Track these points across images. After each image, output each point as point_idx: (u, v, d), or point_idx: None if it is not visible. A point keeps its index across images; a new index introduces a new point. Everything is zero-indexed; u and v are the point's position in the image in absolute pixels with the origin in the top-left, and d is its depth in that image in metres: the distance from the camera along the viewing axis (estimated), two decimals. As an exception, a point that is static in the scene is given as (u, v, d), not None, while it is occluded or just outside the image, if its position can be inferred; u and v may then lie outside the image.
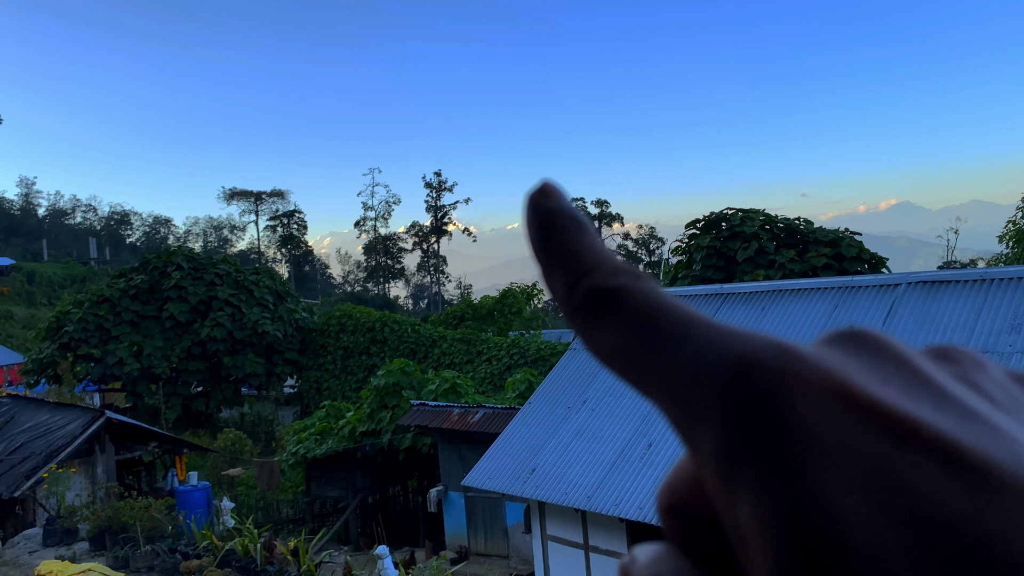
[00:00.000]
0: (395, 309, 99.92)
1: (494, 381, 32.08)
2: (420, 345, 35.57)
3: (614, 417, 10.48)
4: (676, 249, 23.63)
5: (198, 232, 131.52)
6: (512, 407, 15.50)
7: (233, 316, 34.65)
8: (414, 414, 16.55)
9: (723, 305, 11.59)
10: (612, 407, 10.64)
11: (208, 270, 35.94)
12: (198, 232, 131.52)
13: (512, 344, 32.86)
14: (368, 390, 19.66)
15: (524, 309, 44.90)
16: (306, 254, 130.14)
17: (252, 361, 34.41)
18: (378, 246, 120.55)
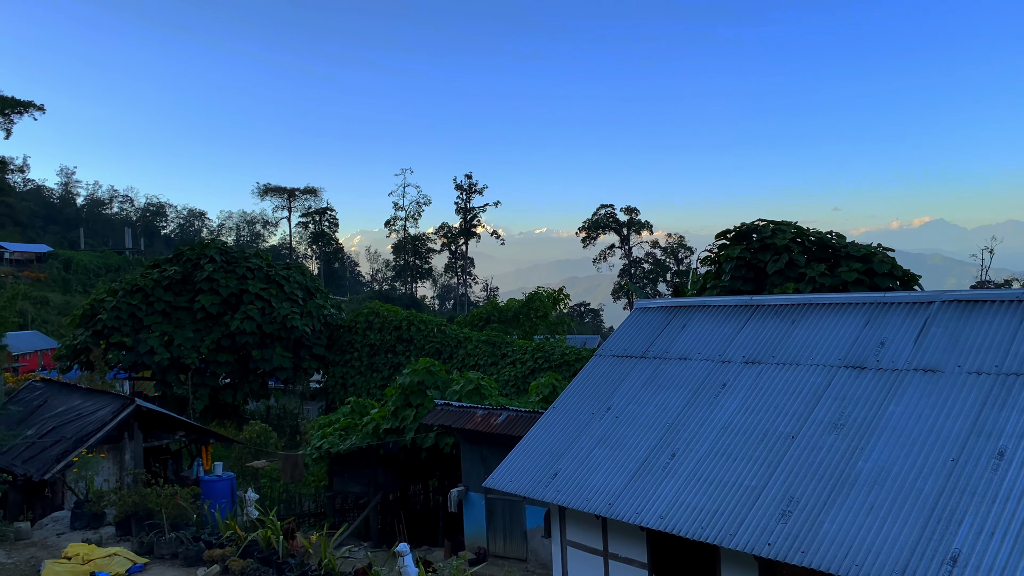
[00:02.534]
0: (422, 309, 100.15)
1: (518, 384, 32.06)
2: (445, 345, 35.67)
3: (638, 425, 10.43)
4: (705, 259, 23.49)
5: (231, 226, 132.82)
6: (535, 411, 15.48)
7: (263, 310, 34.94)
8: (438, 413, 16.59)
9: (752, 317, 11.50)
10: (636, 415, 10.59)
11: (240, 264, 36.29)
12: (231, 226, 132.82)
13: (537, 348, 32.84)
14: (393, 388, 19.73)
15: (550, 313, 44.88)
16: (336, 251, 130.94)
17: (280, 355, 34.66)
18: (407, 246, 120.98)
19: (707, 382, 10.65)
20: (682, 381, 10.85)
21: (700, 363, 11.10)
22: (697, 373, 10.91)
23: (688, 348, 11.54)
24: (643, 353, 12.00)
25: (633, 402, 10.95)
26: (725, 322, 11.72)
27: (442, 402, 17.06)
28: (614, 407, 11.05)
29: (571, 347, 32.80)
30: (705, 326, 11.83)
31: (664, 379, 11.10)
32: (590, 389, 11.78)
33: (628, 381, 11.50)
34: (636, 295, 30.60)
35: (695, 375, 10.88)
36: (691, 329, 11.98)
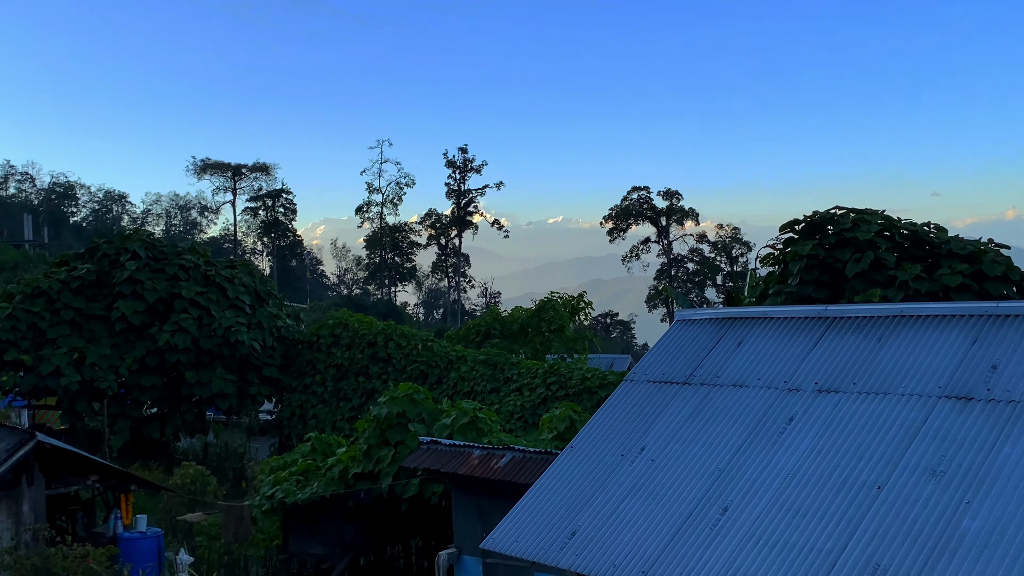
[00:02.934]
0: (403, 319, 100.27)
1: (526, 416, 32.06)
2: (433, 366, 35.69)
3: (680, 471, 10.43)
4: (767, 257, 23.47)
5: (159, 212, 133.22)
6: (548, 451, 15.49)
7: (200, 320, 35.02)
8: (423, 454, 16.60)
9: (828, 332, 11.50)
10: (678, 458, 10.59)
11: (171, 261, 36.40)
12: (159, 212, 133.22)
13: (550, 370, 32.83)
14: (366, 421, 19.75)
15: (567, 326, 44.86)
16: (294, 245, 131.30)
17: (221, 378, 34.76)
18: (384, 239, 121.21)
19: (769, 416, 10.65)
20: (737, 414, 10.86)
21: (760, 391, 11.11)
22: (756, 404, 10.91)
23: (745, 372, 11.54)
24: (687, 378, 12.00)
25: (674, 441, 10.95)
26: (792, 339, 11.72)
27: (428, 439, 17.08)
28: (649, 447, 11.05)
29: (594, 370, 32.78)
30: (766, 344, 11.82)
31: (714, 411, 11.11)
32: (619, 424, 11.79)
33: (667, 414, 11.50)
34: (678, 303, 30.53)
35: (753, 407, 10.88)
36: (748, 347, 11.98)
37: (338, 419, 36.34)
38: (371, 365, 36.64)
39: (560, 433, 18.95)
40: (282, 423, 37.81)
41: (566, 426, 19.02)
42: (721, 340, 12.34)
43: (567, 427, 18.96)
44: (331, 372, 37.23)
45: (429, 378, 35.46)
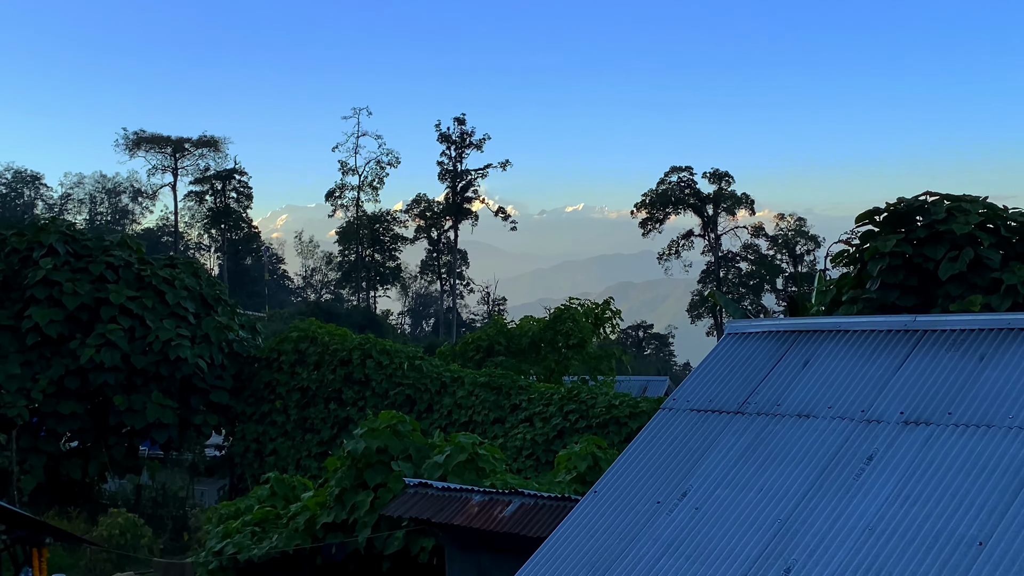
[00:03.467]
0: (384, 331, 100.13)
1: (538, 453, 32.00)
2: (422, 390, 35.63)
3: (732, 522, 10.40)
4: (839, 255, 23.43)
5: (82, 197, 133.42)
6: (566, 496, 15.46)
7: (132, 332, 35.08)
8: (409, 500, 16.57)
9: (916, 349, 11.47)
10: (729, 506, 10.55)
11: (96, 258, 36.42)
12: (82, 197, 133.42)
13: (568, 396, 32.75)
14: (338, 458, 19.73)
15: (589, 340, 44.75)
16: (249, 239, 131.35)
17: (158, 404, 34.79)
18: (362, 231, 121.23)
19: (843, 454, 10.63)
20: (802, 451, 10.83)
21: (831, 423, 11.09)
22: (826, 439, 10.89)
23: (812, 398, 11.52)
24: (739, 406, 11.99)
25: (723, 485, 10.93)
26: (872, 357, 11.70)
27: (416, 481, 17.05)
28: (693, 492, 11.03)
29: (623, 395, 32.75)
30: (839, 363, 11.80)
31: (773, 448, 11.09)
32: (654, 463, 11.78)
33: (716, 451, 11.49)
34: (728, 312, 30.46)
35: (823, 442, 10.86)
36: (817, 368, 11.96)
37: (303, 456, 36.32)
38: (345, 388, 36.62)
39: (581, 474, 18.90)
40: (234, 460, 37.79)
41: (588, 465, 18.97)
42: (783, 359, 12.31)
43: (589, 467, 18.91)
44: (295, 397, 37.23)
45: (417, 405, 35.43)
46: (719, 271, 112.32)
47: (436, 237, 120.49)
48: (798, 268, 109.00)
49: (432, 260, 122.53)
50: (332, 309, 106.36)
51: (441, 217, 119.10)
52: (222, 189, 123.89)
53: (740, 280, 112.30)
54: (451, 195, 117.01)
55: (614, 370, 45.11)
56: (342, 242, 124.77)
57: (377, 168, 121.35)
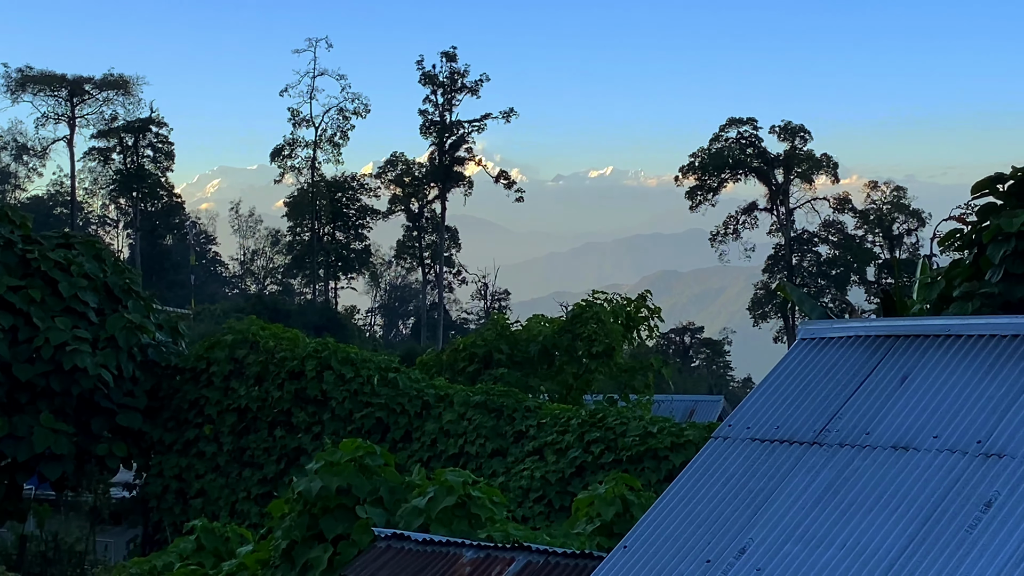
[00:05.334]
0: (349, 334, 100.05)
1: (549, 496, 31.99)
2: (398, 412, 35.54)
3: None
4: (950, 236, 23.43)
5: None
6: (586, 552, 15.47)
7: (14, 333, 35.05)
8: (379, 557, 16.61)
9: (1051, 360, 11.44)
10: (801, 566, 10.55)
11: (-34, 235, 36.43)
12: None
13: (591, 421, 32.71)
14: (285, 501, 19.75)
15: (618, 347, 44.60)
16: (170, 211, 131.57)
17: (48, 428, 34.73)
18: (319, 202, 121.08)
19: (953, 498, 10.63)
20: (899, 495, 10.83)
21: (937, 457, 11.10)
22: (931, 478, 10.89)
23: (912, 425, 11.53)
24: (816, 435, 12.01)
25: (794, 539, 10.95)
26: (993, 371, 11.69)
27: (389, 532, 17.08)
28: (754, 548, 11.04)
29: (663, 420, 32.70)
30: (949, 379, 11.79)
31: (861, 490, 11.09)
32: (704, 510, 11.80)
33: (784, 494, 11.50)
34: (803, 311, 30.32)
35: (927, 483, 10.86)
36: (919, 385, 11.96)
37: (240, 498, 36.29)
38: (295, 410, 36.61)
39: (606, 524, 18.90)
40: (148, 503, 37.77)
41: (616, 512, 18.98)
42: (874, 372, 12.30)
43: (617, 514, 18.92)
44: (229, 420, 37.20)
45: (391, 431, 35.42)
46: (791, 257, 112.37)
47: (417, 210, 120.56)
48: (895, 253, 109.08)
49: (412, 240, 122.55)
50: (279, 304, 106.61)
51: (424, 184, 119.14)
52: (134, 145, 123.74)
53: (819, 269, 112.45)
54: (437, 154, 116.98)
55: (651, 387, 45.15)
56: (292, 216, 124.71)
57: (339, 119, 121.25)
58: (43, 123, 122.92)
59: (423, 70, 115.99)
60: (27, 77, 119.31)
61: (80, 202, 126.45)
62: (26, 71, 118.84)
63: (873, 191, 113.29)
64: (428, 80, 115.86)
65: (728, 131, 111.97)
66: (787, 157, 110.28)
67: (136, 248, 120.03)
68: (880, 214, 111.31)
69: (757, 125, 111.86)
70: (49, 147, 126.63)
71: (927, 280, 24.88)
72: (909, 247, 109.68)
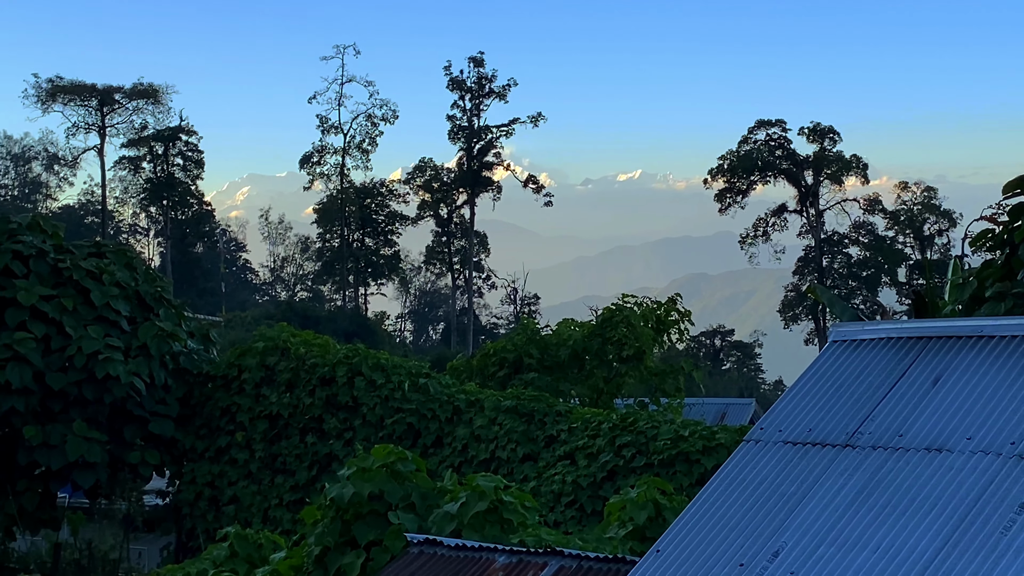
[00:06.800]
0: (379, 340, 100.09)
1: (581, 500, 31.91)
2: (429, 418, 35.54)
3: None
4: (982, 236, 23.33)
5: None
6: (619, 557, 15.44)
7: (47, 342, 35.11)
8: (412, 562, 16.59)
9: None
10: (835, 569, 10.52)
11: (0, 244, 36.43)
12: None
13: (622, 424, 32.63)
14: (318, 507, 19.76)
15: (649, 351, 44.54)
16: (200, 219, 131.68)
17: (81, 436, 34.74)
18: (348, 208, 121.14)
19: (987, 500, 10.58)
20: (932, 497, 10.79)
21: (971, 459, 11.05)
22: (965, 480, 10.84)
23: (946, 427, 11.49)
24: (849, 438, 11.97)
25: (827, 542, 10.91)
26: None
27: (421, 538, 17.07)
28: (787, 552, 11.01)
29: (694, 423, 32.61)
30: (982, 380, 11.74)
31: (894, 493, 11.05)
32: (736, 513, 11.77)
33: (817, 497, 11.47)
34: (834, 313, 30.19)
35: (961, 485, 10.82)
36: (952, 386, 11.92)
37: (272, 504, 36.32)
38: (327, 416, 36.61)
39: (639, 528, 18.87)
40: (181, 511, 37.80)
41: (648, 516, 18.94)
42: (906, 374, 12.25)
43: (650, 518, 18.88)
44: (261, 427, 37.22)
45: (422, 437, 35.40)
46: (821, 258, 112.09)
47: (446, 215, 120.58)
48: (926, 254, 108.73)
49: (441, 246, 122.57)
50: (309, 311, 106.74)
51: (453, 189, 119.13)
52: (164, 154, 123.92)
53: (849, 270, 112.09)
54: (465, 160, 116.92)
55: (682, 391, 45.02)
56: (322, 223, 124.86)
57: (368, 125, 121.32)
58: (74, 133, 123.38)
59: (451, 75, 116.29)
60: (57, 87, 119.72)
61: (111, 211, 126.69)
62: (56, 81, 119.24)
63: (903, 192, 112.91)
64: (456, 85, 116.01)
65: (757, 133, 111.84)
66: (816, 159, 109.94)
67: (167, 256, 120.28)
68: (911, 215, 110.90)
69: (786, 127, 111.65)
70: (80, 157, 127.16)
71: (959, 281, 24.79)
72: (940, 248, 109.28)
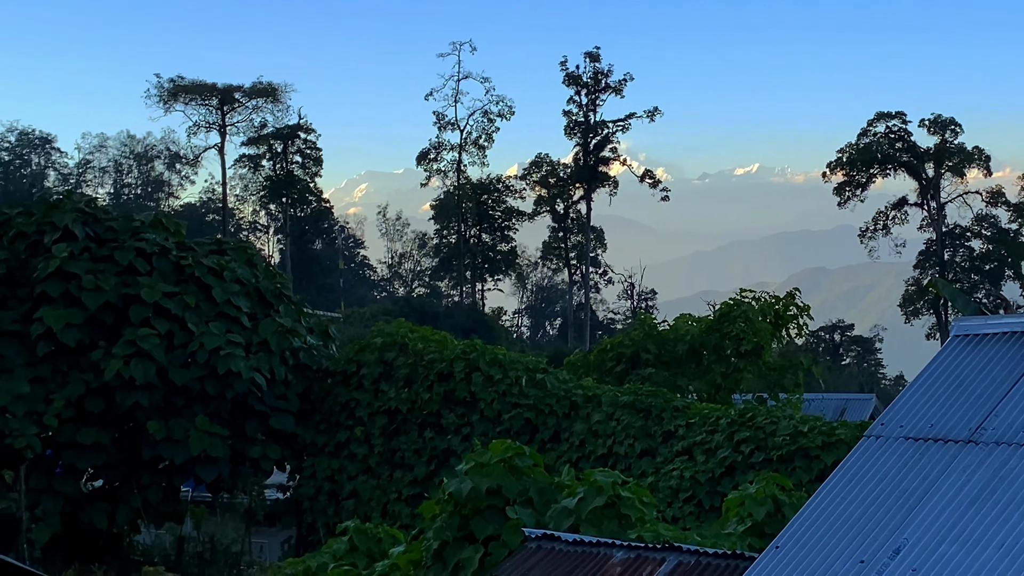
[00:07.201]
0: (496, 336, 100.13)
1: (699, 496, 31.69)
2: (547, 413, 35.45)
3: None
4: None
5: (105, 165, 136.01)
6: (737, 553, 15.35)
7: (170, 338, 35.44)
8: (530, 557, 16.60)
9: None
10: (958, 567, 10.40)
11: (124, 243, 36.72)
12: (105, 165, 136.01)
13: (740, 420, 32.37)
14: (436, 502, 19.81)
15: (767, 346, 44.13)
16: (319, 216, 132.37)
17: (203, 431, 34.89)
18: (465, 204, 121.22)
19: (1116, 497, 10.42)
20: (1058, 495, 10.63)
21: (1099, 455, 10.88)
22: (1093, 477, 10.68)
23: (1072, 422, 11.31)
24: (971, 434, 11.83)
25: (950, 539, 10.78)
26: None
27: (539, 533, 17.07)
28: (909, 549, 10.90)
29: (814, 418, 32.27)
30: (1110, 375, 11.55)
31: (1018, 490, 10.91)
32: (856, 510, 11.67)
33: (940, 493, 11.34)
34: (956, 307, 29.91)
35: (1088, 481, 10.65)
36: (1079, 381, 11.74)
37: (391, 499, 36.43)
38: (444, 411, 36.67)
39: (757, 524, 18.74)
40: (302, 505, 38.01)
41: (767, 512, 18.80)
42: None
43: (769, 514, 18.74)
44: (380, 422, 37.35)
45: (540, 432, 35.37)
46: (943, 252, 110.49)
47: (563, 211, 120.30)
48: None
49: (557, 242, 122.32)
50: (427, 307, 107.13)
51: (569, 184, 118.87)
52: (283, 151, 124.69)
53: (972, 264, 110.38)
54: (582, 155, 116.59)
55: (801, 386, 44.60)
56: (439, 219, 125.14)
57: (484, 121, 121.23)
58: (195, 132, 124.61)
59: (567, 71, 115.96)
60: (179, 87, 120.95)
61: (231, 208, 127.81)
62: (178, 81, 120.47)
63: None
64: (572, 81, 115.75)
65: (876, 125, 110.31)
66: (937, 151, 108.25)
67: (286, 253, 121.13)
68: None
69: (906, 119, 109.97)
70: (201, 155, 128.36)
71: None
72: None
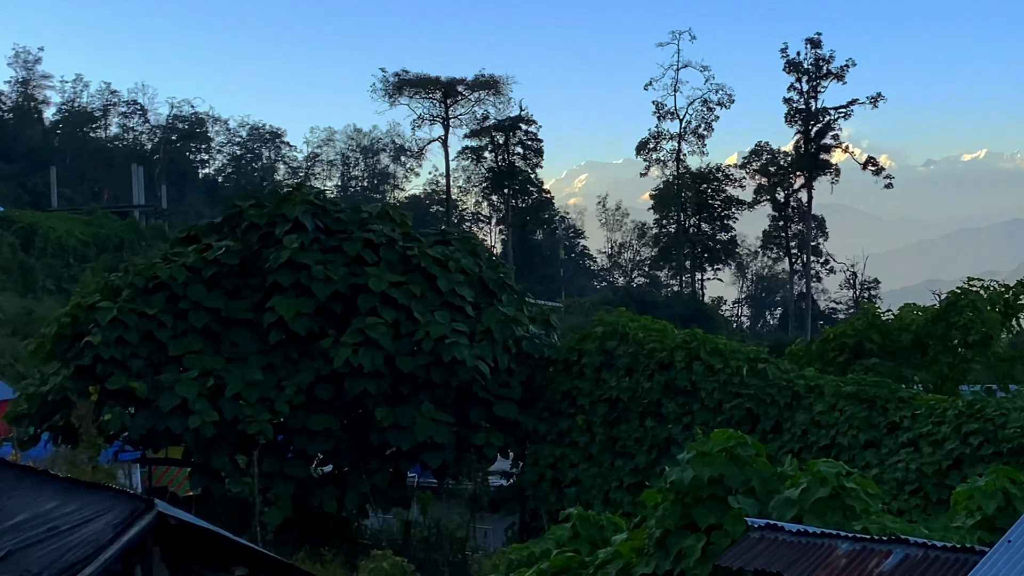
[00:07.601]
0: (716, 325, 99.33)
1: (926, 488, 31.12)
2: (767, 403, 35.25)
3: None
4: None
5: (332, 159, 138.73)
6: (967, 547, 15.09)
7: (396, 327, 35.92)
8: (753, 547, 16.51)
9: None
10: None
11: (352, 234, 37.42)
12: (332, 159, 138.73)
13: (968, 412, 31.70)
14: (658, 491, 19.80)
15: (997, 336, 43.04)
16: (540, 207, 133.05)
17: (429, 418, 35.41)
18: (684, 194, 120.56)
19: None
20: None
21: None
22: None
23: None
24: None
25: None
26: None
27: (762, 523, 16.99)
28: None
29: (1045, 411, 31.53)
30: None
31: None
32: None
33: None
34: None
35: None
36: None
37: (613, 487, 36.44)
38: (665, 400, 36.60)
39: (987, 518, 18.37)
40: (525, 492, 38.18)
41: (997, 506, 18.42)
42: None
43: (999, 508, 18.35)
44: (601, 411, 37.39)
45: (761, 422, 35.12)
46: None
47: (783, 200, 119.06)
48: None
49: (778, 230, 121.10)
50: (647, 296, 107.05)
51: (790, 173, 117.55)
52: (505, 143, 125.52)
53: None
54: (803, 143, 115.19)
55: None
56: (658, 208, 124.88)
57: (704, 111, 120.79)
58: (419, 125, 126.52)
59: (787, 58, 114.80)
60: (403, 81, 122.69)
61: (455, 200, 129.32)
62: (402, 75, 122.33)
63: None
64: (793, 68, 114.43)
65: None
66: None
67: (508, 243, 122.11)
68: None
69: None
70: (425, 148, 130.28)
71: None
72: None
